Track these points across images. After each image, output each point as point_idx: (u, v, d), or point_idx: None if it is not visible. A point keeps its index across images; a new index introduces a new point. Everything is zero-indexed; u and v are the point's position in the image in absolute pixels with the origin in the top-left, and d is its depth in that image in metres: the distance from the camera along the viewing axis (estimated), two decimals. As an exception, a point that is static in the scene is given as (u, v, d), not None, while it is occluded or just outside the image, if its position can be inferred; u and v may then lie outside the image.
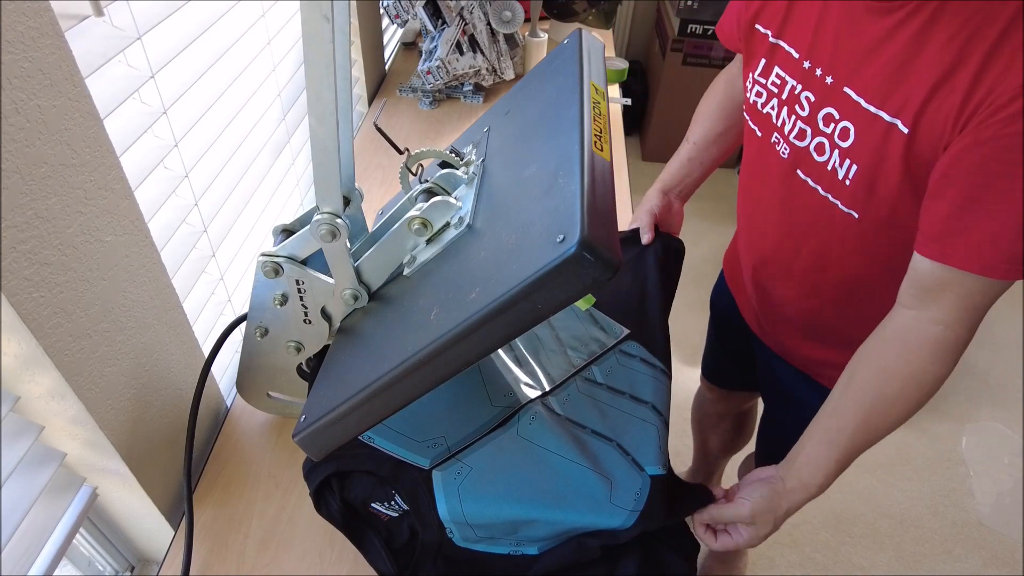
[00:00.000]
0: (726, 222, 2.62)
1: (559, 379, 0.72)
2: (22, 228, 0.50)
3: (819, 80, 0.70)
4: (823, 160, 0.71)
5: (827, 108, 0.69)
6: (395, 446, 0.64)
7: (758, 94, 0.79)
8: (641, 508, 0.61)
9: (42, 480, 0.61)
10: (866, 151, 0.65)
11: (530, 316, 0.45)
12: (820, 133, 0.70)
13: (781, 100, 0.75)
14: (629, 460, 0.65)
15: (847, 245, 0.74)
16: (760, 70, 0.78)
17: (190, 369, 0.78)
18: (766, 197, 0.83)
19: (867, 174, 0.66)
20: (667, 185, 1.00)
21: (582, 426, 0.67)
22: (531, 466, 0.63)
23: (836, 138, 0.68)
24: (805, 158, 0.73)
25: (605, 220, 0.44)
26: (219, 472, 0.81)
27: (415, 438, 0.64)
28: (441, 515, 0.62)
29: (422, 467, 0.63)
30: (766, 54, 0.77)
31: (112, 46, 0.63)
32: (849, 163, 0.67)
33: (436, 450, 0.64)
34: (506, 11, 1.45)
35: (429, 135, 1.44)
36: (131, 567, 0.81)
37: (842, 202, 0.71)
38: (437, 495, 0.62)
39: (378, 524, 0.67)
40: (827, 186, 0.72)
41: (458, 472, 0.62)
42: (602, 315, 0.82)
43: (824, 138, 0.70)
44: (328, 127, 0.53)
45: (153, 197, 0.72)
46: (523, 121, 0.65)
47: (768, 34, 0.76)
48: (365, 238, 0.72)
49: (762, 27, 0.77)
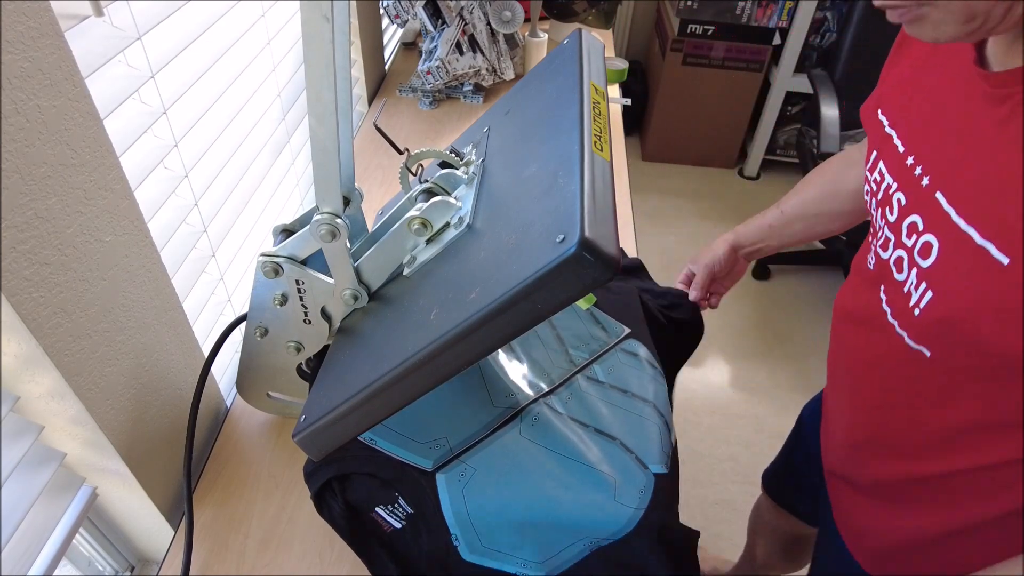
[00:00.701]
0: (726, 222, 2.62)
1: (561, 378, 0.72)
2: (22, 228, 0.50)
3: (916, 180, 0.57)
4: (901, 279, 0.58)
5: (913, 215, 0.56)
6: (397, 448, 0.63)
7: (866, 191, 0.67)
8: (646, 505, 0.61)
9: (42, 480, 0.61)
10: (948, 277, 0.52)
11: (530, 316, 0.45)
12: (901, 245, 0.58)
13: (878, 201, 0.63)
14: (632, 458, 0.65)
15: (917, 389, 0.60)
16: (870, 163, 0.66)
17: (190, 369, 0.78)
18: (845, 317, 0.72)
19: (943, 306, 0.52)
20: (740, 243, 0.93)
21: (585, 424, 0.67)
22: (535, 466, 0.63)
23: (916, 255, 0.55)
24: (887, 274, 0.60)
25: (605, 220, 0.44)
26: (219, 472, 0.81)
27: (417, 439, 0.64)
28: (447, 518, 0.61)
29: (425, 469, 0.63)
30: (878, 145, 0.65)
31: (112, 46, 0.63)
32: (925, 287, 0.54)
33: (438, 451, 0.64)
34: (506, 11, 1.45)
35: (429, 135, 1.44)
36: (131, 567, 0.81)
37: (908, 335, 0.58)
38: (442, 497, 0.61)
39: (381, 535, 0.66)
40: (895, 311, 0.59)
41: (462, 474, 0.62)
42: (603, 314, 0.82)
43: (904, 252, 0.57)
44: (328, 127, 0.53)
45: (153, 197, 0.72)
46: (523, 121, 0.65)
47: (884, 122, 0.64)
48: (365, 238, 0.72)
49: (882, 113, 0.65)
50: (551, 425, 0.66)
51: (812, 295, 2.29)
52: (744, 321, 2.18)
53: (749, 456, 1.78)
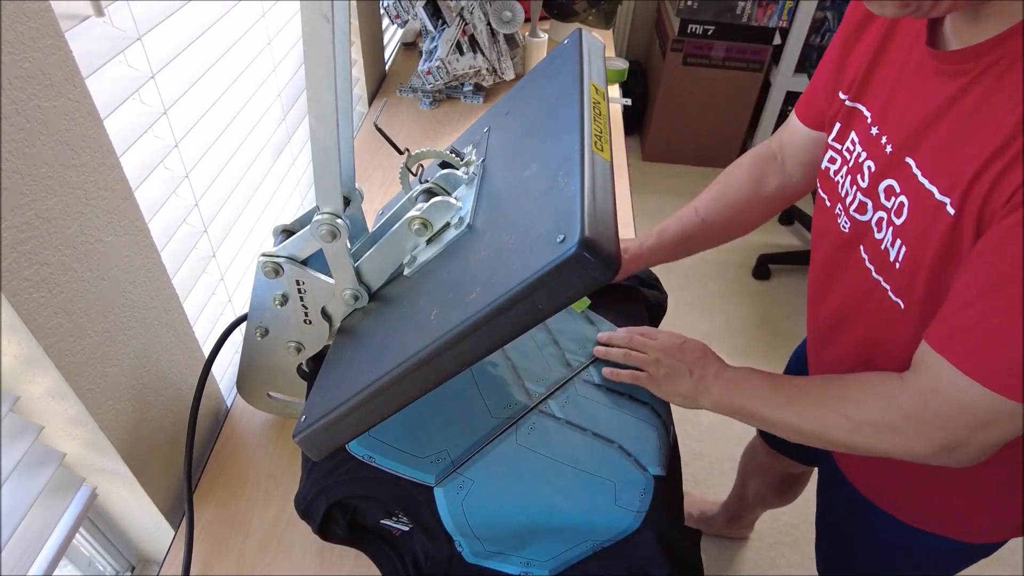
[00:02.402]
0: (726, 222, 2.62)
1: (558, 382, 0.72)
2: (22, 229, 0.51)
3: (882, 148, 0.63)
4: (880, 238, 0.63)
5: (888, 180, 0.62)
6: (397, 464, 0.62)
7: (831, 160, 0.72)
8: (647, 509, 0.61)
9: (42, 480, 0.61)
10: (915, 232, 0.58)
11: (530, 316, 0.45)
12: (881, 207, 0.63)
13: (848, 168, 0.68)
14: (632, 461, 0.65)
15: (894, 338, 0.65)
16: (835, 134, 0.71)
17: (190, 369, 0.78)
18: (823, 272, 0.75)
19: (913, 259, 0.58)
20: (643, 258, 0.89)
21: (583, 429, 0.67)
22: (533, 474, 0.62)
23: (892, 214, 0.61)
24: (867, 235, 0.65)
25: (605, 220, 0.44)
26: (219, 472, 0.81)
27: (418, 455, 0.63)
28: (448, 528, 0.61)
29: (428, 484, 0.62)
30: (843, 118, 0.70)
31: (112, 46, 0.63)
32: (900, 244, 0.60)
33: (440, 465, 0.63)
34: (506, 11, 1.45)
35: (429, 135, 1.44)
36: (131, 567, 0.81)
37: (891, 288, 0.63)
38: (441, 510, 0.61)
39: (391, 539, 0.66)
40: (879, 267, 0.64)
41: (460, 486, 0.62)
42: (597, 316, 0.82)
43: (884, 213, 0.62)
44: (328, 127, 0.53)
45: (153, 197, 0.72)
46: (523, 121, 0.65)
47: (846, 99, 0.69)
48: (365, 238, 0.72)
49: (843, 92, 0.70)
50: (548, 432, 0.66)
51: (812, 295, 2.29)
52: (744, 321, 2.18)
53: (749, 456, 1.78)
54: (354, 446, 0.63)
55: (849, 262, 0.69)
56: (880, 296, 0.64)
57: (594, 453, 0.65)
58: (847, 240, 0.69)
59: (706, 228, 0.88)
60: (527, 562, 0.62)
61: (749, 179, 0.87)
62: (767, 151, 0.88)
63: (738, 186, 0.88)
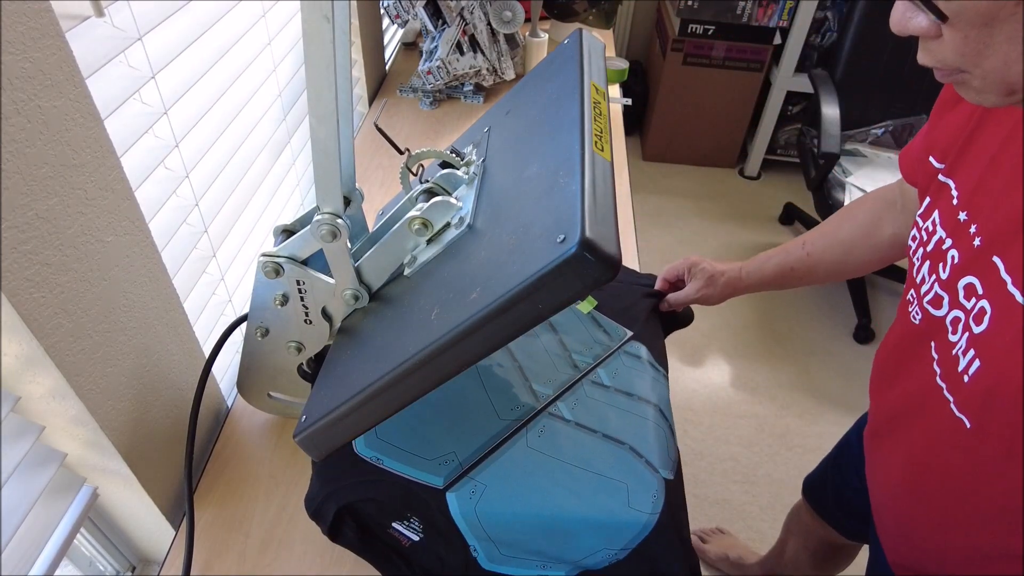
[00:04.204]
0: (727, 222, 2.62)
1: (566, 384, 0.71)
2: (23, 229, 0.51)
3: (970, 239, 0.53)
4: (954, 340, 0.54)
5: (970, 277, 0.53)
6: (405, 466, 0.62)
7: (913, 238, 0.63)
8: (660, 510, 0.61)
9: (43, 480, 0.61)
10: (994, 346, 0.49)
11: (531, 316, 0.45)
12: (959, 306, 0.54)
13: (926, 252, 0.59)
14: (643, 462, 0.64)
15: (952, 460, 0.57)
16: (923, 209, 0.62)
17: (191, 369, 0.78)
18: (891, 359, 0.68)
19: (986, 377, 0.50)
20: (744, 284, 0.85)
21: (593, 431, 0.67)
22: (545, 477, 0.62)
23: (972, 319, 0.52)
24: (940, 332, 0.57)
25: (605, 220, 0.44)
26: (220, 472, 0.81)
27: (425, 456, 0.63)
28: (463, 532, 0.61)
29: (436, 487, 0.61)
30: (933, 192, 0.61)
31: (113, 46, 0.63)
32: (974, 355, 0.51)
33: (448, 467, 0.62)
34: (506, 11, 1.45)
35: (429, 135, 1.44)
36: (132, 567, 0.81)
37: (955, 401, 0.54)
38: (454, 515, 0.60)
39: (401, 550, 0.65)
40: (945, 373, 0.56)
41: (472, 491, 0.61)
42: (604, 317, 0.82)
43: (962, 313, 0.54)
44: (328, 127, 0.53)
45: (154, 197, 0.72)
46: (524, 121, 0.65)
47: (940, 168, 0.60)
48: (365, 238, 0.72)
49: (936, 159, 0.61)
50: (558, 434, 0.65)
51: (812, 295, 2.29)
52: (744, 321, 2.18)
53: (749, 456, 1.78)
54: (361, 447, 0.63)
55: (917, 357, 0.60)
56: (940, 406, 0.56)
57: (605, 455, 0.64)
58: (917, 332, 0.61)
59: (811, 263, 0.83)
60: (544, 563, 0.61)
61: (865, 221, 0.82)
62: (890, 195, 0.80)
63: (852, 226, 0.82)
